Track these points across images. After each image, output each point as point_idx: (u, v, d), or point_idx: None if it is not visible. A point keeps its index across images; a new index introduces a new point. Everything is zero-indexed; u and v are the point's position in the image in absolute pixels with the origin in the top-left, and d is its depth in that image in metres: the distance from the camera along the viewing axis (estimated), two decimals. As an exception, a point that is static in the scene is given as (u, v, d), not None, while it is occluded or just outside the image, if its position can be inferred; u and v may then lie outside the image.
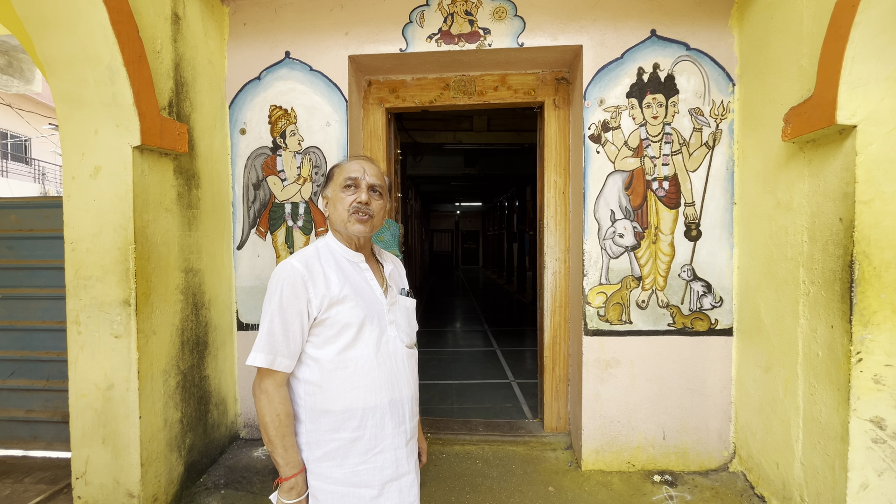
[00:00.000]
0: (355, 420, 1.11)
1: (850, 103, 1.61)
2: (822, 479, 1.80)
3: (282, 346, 1.07)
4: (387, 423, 1.14)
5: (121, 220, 1.96)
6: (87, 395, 2.00)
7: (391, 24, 2.57)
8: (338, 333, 1.11)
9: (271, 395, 1.09)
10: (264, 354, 1.07)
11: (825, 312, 1.79)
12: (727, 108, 2.45)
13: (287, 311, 1.08)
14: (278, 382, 1.09)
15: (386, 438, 1.14)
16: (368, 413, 1.12)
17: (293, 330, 1.08)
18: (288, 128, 2.65)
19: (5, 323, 2.79)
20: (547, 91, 2.84)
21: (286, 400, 1.10)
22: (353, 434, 1.11)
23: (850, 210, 1.65)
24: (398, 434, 1.16)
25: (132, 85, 1.90)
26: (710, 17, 2.43)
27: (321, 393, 1.11)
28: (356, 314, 1.11)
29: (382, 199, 1.22)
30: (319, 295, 1.09)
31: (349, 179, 1.17)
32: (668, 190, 2.48)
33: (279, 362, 1.08)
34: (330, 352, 1.11)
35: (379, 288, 1.20)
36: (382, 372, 1.14)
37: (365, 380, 1.12)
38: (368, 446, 1.13)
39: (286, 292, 1.08)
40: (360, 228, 1.17)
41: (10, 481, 2.45)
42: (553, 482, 2.44)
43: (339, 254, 1.19)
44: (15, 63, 4.05)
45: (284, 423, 1.09)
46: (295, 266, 1.10)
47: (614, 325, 2.51)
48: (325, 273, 1.12)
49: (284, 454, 1.09)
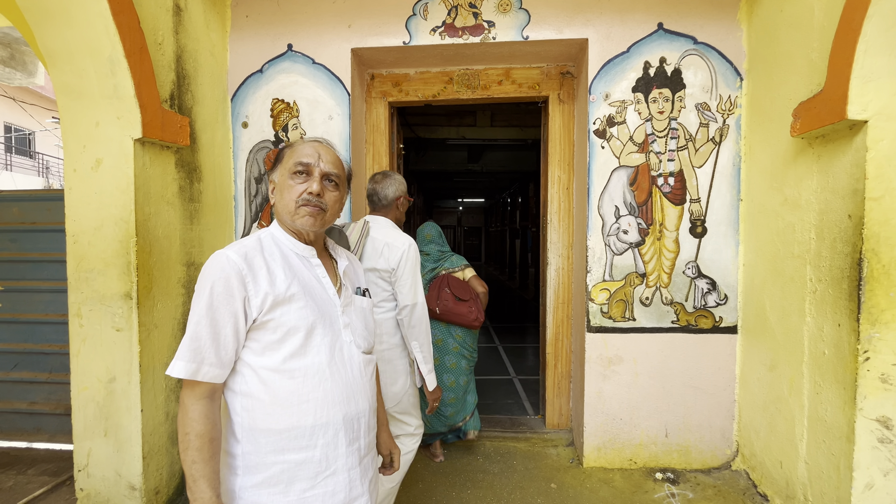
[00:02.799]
0: (303, 439, 0.95)
1: (862, 98, 1.58)
2: (826, 479, 1.79)
3: (209, 353, 0.91)
4: (340, 440, 0.99)
5: (122, 213, 1.95)
6: (89, 388, 2.00)
7: (394, 17, 2.55)
8: (282, 339, 0.95)
9: (186, 410, 0.91)
10: (185, 363, 0.90)
11: (832, 310, 1.77)
12: (734, 104, 2.41)
13: (218, 312, 0.91)
14: (199, 394, 0.92)
15: (339, 458, 0.99)
16: (319, 430, 0.97)
17: (225, 334, 0.92)
18: (290, 121, 2.63)
19: (8, 316, 2.79)
20: (552, 85, 2.81)
21: (204, 417, 0.91)
22: (301, 455, 0.95)
23: (860, 207, 1.62)
24: (352, 453, 1.02)
25: (133, 77, 1.88)
26: (718, 10, 2.39)
27: (262, 408, 0.95)
28: (305, 316, 0.97)
29: (339, 191, 1.07)
30: (261, 293, 0.94)
31: (300, 165, 1.01)
32: (673, 186, 2.45)
33: (205, 371, 0.91)
34: (273, 360, 0.95)
35: (332, 287, 1.06)
36: (336, 383, 0.99)
37: (315, 392, 0.97)
38: (318, 469, 0.97)
39: (218, 289, 0.92)
40: (309, 222, 1.01)
41: (13, 473, 2.47)
42: (555, 479, 2.44)
43: (286, 246, 1.04)
44: (17, 56, 4.04)
45: (195, 444, 0.89)
46: (231, 258, 0.94)
47: (617, 322, 2.50)
48: (268, 267, 0.97)
49: (193, 486, 0.89)
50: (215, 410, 0.94)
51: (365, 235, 1.78)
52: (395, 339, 1.80)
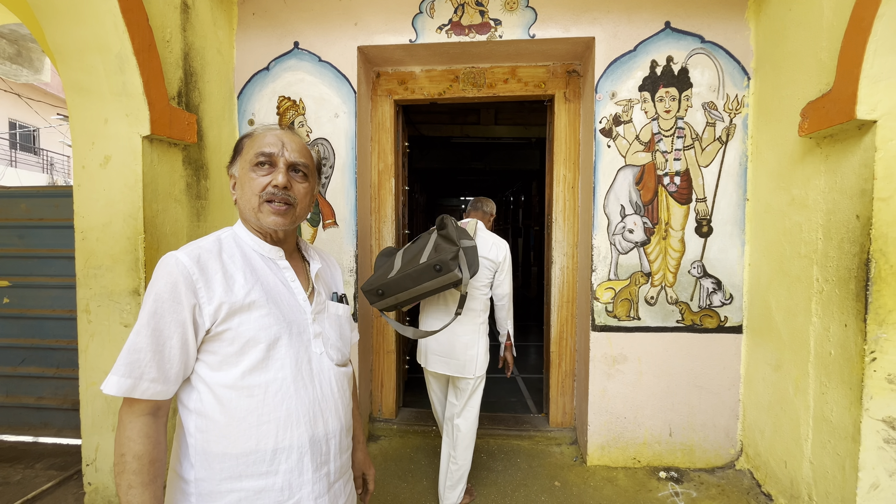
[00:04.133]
0: (263, 464, 0.85)
1: (871, 98, 1.57)
2: (831, 479, 1.79)
3: (149, 367, 0.80)
4: (306, 466, 0.88)
5: (130, 210, 1.96)
6: (96, 383, 2.01)
7: (401, 15, 2.55)
8: (240, 351, 0.85)
9: (122, 428, 0.81)
10: (119, 378, 0.79)
11: (839, 311, 1.77)
12: (742, 103, 2.40)
13: (162, 321, 0.81)
14: (139, 411, 0.82)
15: (304, 486, 0.88)
16: (282, 455, 0.86)
17: (170, 345, 0.82)
18: (296, 119, 2.63)
19: (16, 311, 2.81)
20: (557, 84, 2.81)
21: (143, 436, 0.80)
22: (260, 482, 0.85)
23: (868, 207, 1.62)
24: (319, 479, 0.90)
25: (142, 74, 1.89)
26: (725, 9, 2.38)
27: (217, 430, 0.84)
28: (266, 325, 0.86)
29: (308, 182, 0.96)
30: (215, 300, 0.84)
31: (262, 155, 0.90)
32: (679, 185, 2.45)
33: (144, 388, 0.80)
34: (230, 376, 0.85)
35: (302, 292, 0.95)
36: (302, 401, 0.89)
37: (278, 412, 0.86)
38: (280, 498, 0.86)
39: (163, 294, 0.81)
40: (276, 221, 0.91)
41: (21, 467, 2.49)
42: (558, 477, 2.44)
43: (249, 247, 0.94)
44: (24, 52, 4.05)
45: (131, 467, 0.79)
46: (180, 260, 0.83)
47: (622, 321, 2.50)
48: (225, 271, 0.87)
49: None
50: (158, 429, 0.84)
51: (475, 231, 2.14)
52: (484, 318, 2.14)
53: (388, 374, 3.00)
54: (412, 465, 2.55)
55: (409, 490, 2.32)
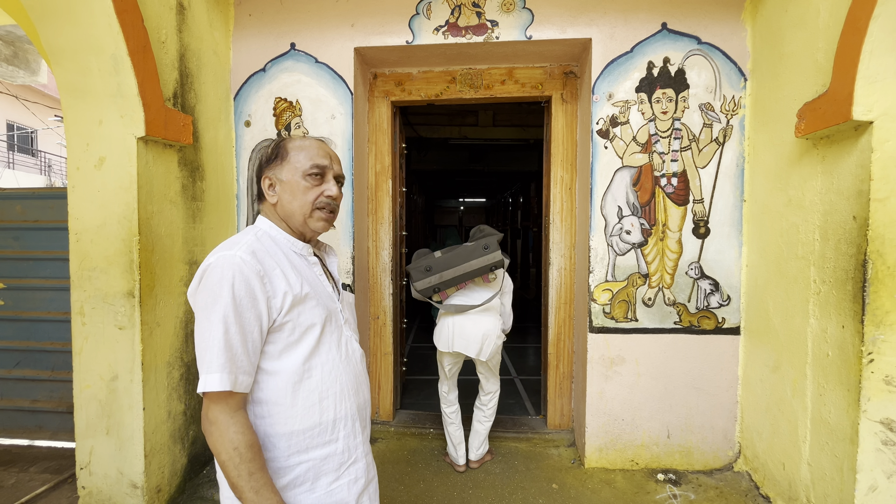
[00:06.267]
0: (327, 434, 0.97)
1: (867, 99, 1.57)
2: (829, 481, 1.78)
3: (243, 361, 0.87)
4: (357, 430, 1.03)
5: (125, 212, 1.95)
6: (91, 385, 2.00)
7: (398, 16, 2.54)
8: (300, 338, 0.94)
9: (223, 426, 0.85)
10: (223, 374, 0.84)
11: (836, 312, 1.76)
12: (738, 104, 2.40)
13: (243, 316, 0.87)
14: (234, 406, 0.87)
15: (358, 447, 1.03)
16: (340, 423, 0.99)
17: (253, 339, 0.89)
18: (293, 120, 2.63)
19: (11, 313, 2.80)
20: (555, 85, 2.81)
21: (246, 427, 0.87)
22: (326, 450, 0.97)
23: (865, 208, 1.61)
24: (365, 440, 1.07)
25: (137, 75, 1.88)
26: (722, 10, 2.38)
27: (281, 413, 0.93)
28: (318, 315, 0.97)
29: (341, 191, 1.09)
30: (279, 293, 0.91)
31: (317, 167, 0.99)
32: (676, 186, 2.44)
33: (241, 381, 0.87)
34: (293, 361, 0.94)
35: (329, 284, 1.07)
36: (349, 375, 1.02)
37: (334, 387, 0.98)
38: (342, 459, 0.99)
39: (240, 290, 0.86)
40: (325, 226, 1.03)
41: (15, 470, 2.47)
42: (556, 479, 2.43)
43: (284, 245, 1.01)
44: (21, 54, 4.04)
45: (247, 456, 0.85)
46: (246, 259, 0.89)
47: (620, 323, 2.49)
48: (280, 267, 0.94)
49: (256, 498, 0.84)
50: (249, 420, 0.90)
51: None
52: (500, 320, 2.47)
53: (385, 377, 2.99)
54: (409, 467, 2.54)
55: (406, 493, 2.30)
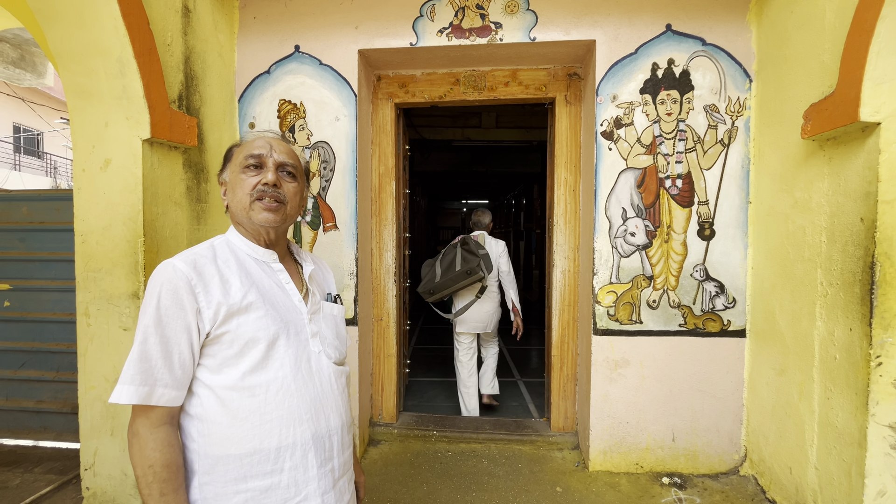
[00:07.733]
0: (268, 463, 0.87)
1: (874, 100, 1.56)
2: (837, 485, 1.76)
3: (162, 373, 0.82)
4: (310, 462, 0.90)
5: (130, 213, 1.95)
6: (95, 387, 2.01)
7: (401, 18, 2.55)
8: (240, 352, 0.86)
9: (142, 440, 0.81)
10: (134, 386, 0.80)
11: (843, 315, 1.75)
12: (743, 105, 2.39)
13: (169, 326, 0.83)
14: (155, 421, 0.82)
15: (310, 483, 0.90)
16: (286, 452, 0.88)
17: (179, 350, 0.84)
18: (297, 122, 2.63)
19: (16, 314, 2.81)
20: (558, 87, 2.80)
21: (165, 445, 0.82)
22: (266, 482, 0.86)
23: (872, 210, 1.60)
24: (325, 475, 0.92)
25: (142, 77, 1.89)
26: (727, 11, 2.37)
27: (219, 432, 0.85)
28: (265, 326, 0.88)
29: (297, 182, 0.99)
30: (213, 303, 0.85)
31: (251, 157, 0.94)
32: (681, 188, 2.43)
33: (159, 394, 0.82)
34: (231, 377, 0.86)
35: (297, 293, 0.98)
36: (303, 398, 0.90)
37: (279, 410, 0.88)
38: (287, 495, 0.88)
39: (166, 300, 0.83)
40: (267, 217, 0.93)
41: (20, 471, 2.48)
42: (560, 482, 2.42)
43: (242, 252, 0.96)
44: (27, 56, 4.08)
45: (161, 476, 0.80)
46: (177, 267, 0.85)
47: (624, 325, 2.48)
48: (221, 275, 0.88)
49: None
50: (177, 437, 0.86)
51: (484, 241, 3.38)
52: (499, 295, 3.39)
53: (388, 378, 2.99)
54: (412, 469, 2.53)
55: (409, 495, 2.30)
